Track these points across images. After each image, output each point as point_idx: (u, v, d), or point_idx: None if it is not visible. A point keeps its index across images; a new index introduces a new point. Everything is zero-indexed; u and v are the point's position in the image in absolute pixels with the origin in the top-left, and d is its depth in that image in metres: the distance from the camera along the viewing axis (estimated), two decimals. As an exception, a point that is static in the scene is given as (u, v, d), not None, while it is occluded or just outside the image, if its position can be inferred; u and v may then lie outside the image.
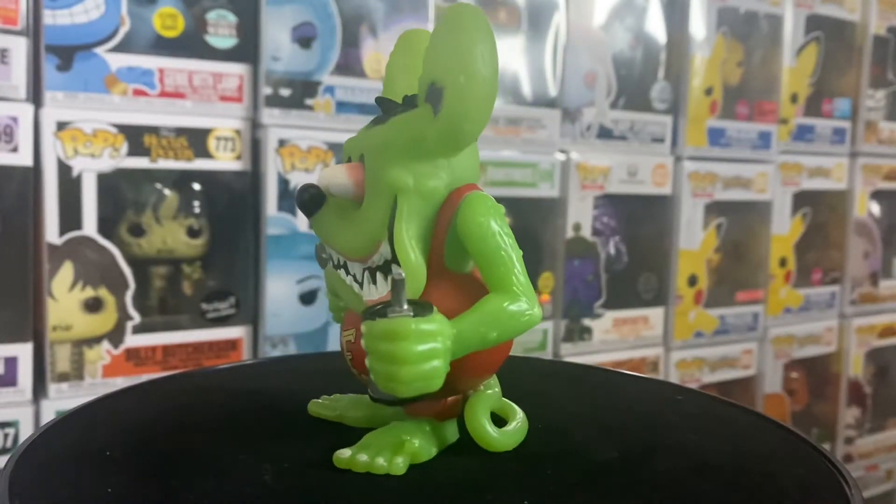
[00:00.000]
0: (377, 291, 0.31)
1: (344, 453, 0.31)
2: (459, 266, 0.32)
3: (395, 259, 0.30)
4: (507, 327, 0.30)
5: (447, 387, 0.31)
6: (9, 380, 0.66)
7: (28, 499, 0.27)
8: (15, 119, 0.65)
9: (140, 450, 0.32)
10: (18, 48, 0.65)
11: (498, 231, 0.30)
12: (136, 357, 0.71)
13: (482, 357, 0.31)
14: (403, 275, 0.28)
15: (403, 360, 0.27)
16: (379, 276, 0.31)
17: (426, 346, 0.28)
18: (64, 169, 0.67)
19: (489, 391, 0.34)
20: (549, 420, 0.36)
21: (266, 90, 0.74)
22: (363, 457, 0.30)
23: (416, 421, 0.33)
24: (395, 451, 0.31)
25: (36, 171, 0.66)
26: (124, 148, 0.69)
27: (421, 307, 0.28)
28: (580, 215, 0.96)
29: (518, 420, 0.34)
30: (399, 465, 0.30)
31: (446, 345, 0.28)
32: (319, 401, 0.37)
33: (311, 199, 0.33)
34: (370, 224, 0.31)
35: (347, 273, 0.33)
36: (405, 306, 0.28)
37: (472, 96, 0.28)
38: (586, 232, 0.97)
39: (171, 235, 0.74)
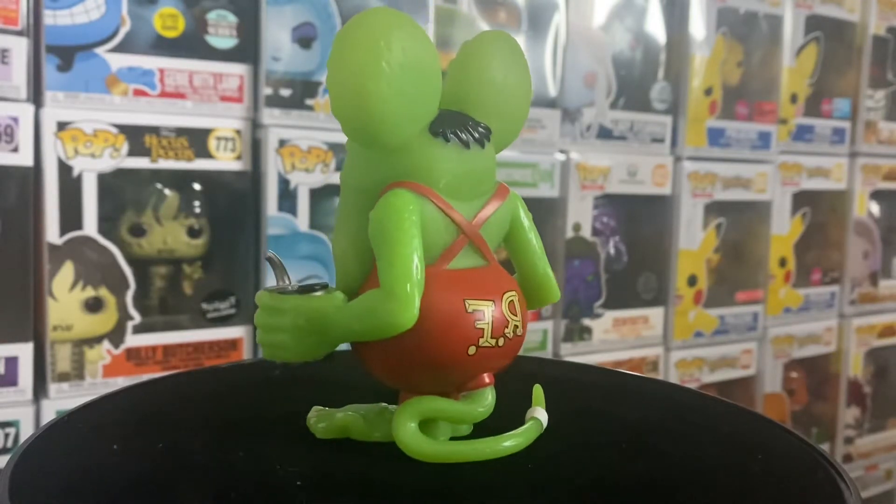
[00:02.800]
0: None
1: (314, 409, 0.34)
2: None
3: None
4: (368, 323, 0.29)
5: (401, 381, 0.31)
6: (9, 380, 0.67)
7: (28, 499, 0.27)
8: (15, 119, 0.65)
9: (141, 449, 0.32)
10: (19, 48, 0.65)
11: (386, 229, 0.29)
12: (136, 357, 0.71)
13: (391, 355, 0.30)
14: (270, 254, 0.33)
15: (258, 326, 0.31)
16: None
17: (273, 320, 0.30)
18: (64, 169, 0.67)
19: (468, 397, 0.31)
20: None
21: (266, 90, 0.75)
22: (312, 412, 0.34)
23: (384, 406, 0.34)
24: (328, 419, 0.33)
25: (36, 171, 0.67)
26: (125, 148, 0.69)
27: (305, 287, 0.31)
28: (580, 215, 0.96)
29: (498, 440, 0.31)
30: (319, 428, 0.33)
31: (297, 322, 0.30)
32: None
33: None
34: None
35: None
36: (286, 282, 0.32)
37: (334, 90, 0.29)
38: (586, 232, 0.97)
39: (172, 235, 0.74)
